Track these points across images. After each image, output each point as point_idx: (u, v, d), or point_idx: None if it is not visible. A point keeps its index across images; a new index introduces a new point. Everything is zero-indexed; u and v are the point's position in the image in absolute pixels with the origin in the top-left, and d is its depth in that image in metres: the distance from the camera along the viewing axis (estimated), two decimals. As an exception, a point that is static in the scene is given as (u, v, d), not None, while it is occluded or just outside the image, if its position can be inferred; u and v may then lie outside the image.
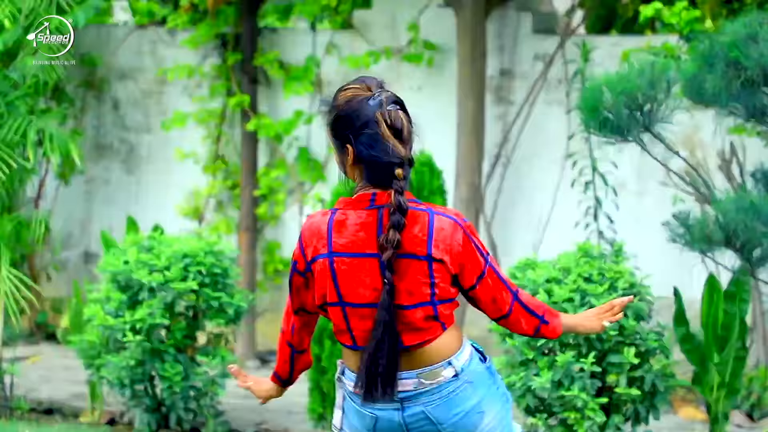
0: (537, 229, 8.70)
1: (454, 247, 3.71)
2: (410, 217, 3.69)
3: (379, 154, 3.69)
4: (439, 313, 3.73)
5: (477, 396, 3.79)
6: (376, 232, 3.69)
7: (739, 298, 6.56)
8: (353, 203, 3.74)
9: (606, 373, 6.04)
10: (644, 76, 5.93)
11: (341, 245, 3.71)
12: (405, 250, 3.68)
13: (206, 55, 9.76)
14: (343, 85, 3.80)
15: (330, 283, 3.74)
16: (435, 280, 3.70)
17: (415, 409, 3.77)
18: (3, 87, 7.53)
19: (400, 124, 3.71)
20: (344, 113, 3.72)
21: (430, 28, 9.03)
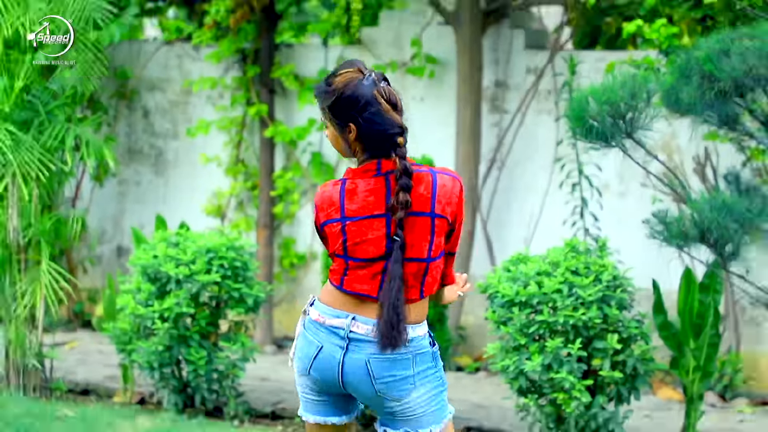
0: (529, 226, 8.69)
1: (453, 199, 3.84)
2: (415, 179, 3.80)
3: (383, 128, 3.78)
4: (428, 273, 3.83)
5: (414, 370, 3.85)
6: (385, 196, 3.79)
7: (712, 289, 6.55)
8: (360, 173, 3.83)
9: (591, 357, 6.03)
10: (626, 88, 5.92)
11: (353, 210, 3.81)
12: (412, 209, 3.78)
13: (228, 69, 9.75)
14: (334, 71, 3.87)
15: (339, 242, 3.84)
16: (434, 237, 3.81)
17: (358, 356, 3.84)
18: (44, 97, 7.53)
19: (394, 98, 3.83)
20: (346, 96, 3.79)
21: (431, 44, 9.02)
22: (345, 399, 3.99)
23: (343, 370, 3.85)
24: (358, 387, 3.87)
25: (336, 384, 3.89)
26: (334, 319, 3.86)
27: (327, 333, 3.87)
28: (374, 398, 3.88)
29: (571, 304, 5.93)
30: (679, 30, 7.77)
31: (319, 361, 3.88)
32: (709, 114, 5.93)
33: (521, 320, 5.98)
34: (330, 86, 3.82)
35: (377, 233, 3.79)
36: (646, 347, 6.09)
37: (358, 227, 3.80)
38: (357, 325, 3.83)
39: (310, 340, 3.90)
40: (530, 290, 5.96)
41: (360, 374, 3.84)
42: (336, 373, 3.87)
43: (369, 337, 3.82)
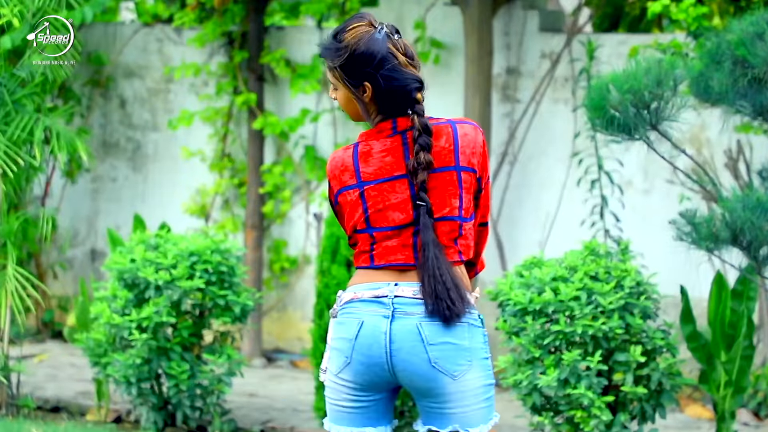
0: (543, 227, 8.69)
1: (477, 148, 3.84)
2: (435, 132, 3.80)
3: (402, 83, 3.78)
4: (463, 232, 3.80)
5: (469, 342, 3.79)
6: (403, 155, 3.79)
7: (746, 296, 6.55)
8: (374, 134, 3.83)
9: (612, 371, 6.04)
10: (651, 74, 5.93)
11: (370, 173, 3.80)
12: (435, 165, 3.78)
13: (213, 54, 9.76)
14: (343, 26, 3.86)
15: (360, 212, 3.82)
16: (462, 192, 3.80)
17: (407, 322, 3.77)
18: (10, 85, 7.54)
19: (411, 51, 3.85)
20: (359, 53, 3.79)
21: (436, 26, 9.03)
22: (386, 400, 3.89)
23: (391, 341, 3.76)
24: (409, 361, 3.76)
25: (383, 365, 3.78)
26: (374, 290, 3.80)
27: (367, 305, 3.79)
28: (427, 374, 3.77)
29: (590, 313, 5.93)
30: (709, 10, 7.78)
31: (362, 339, 3.78)
32: (742, 103, 5.93)
33: (535, 330, 5.99)
34: (340, 43, 3.80)
35: (401, 196, 3.78)
36: (673, 360, 6.10)
37: (378, 191, 3.79)
38: (402, 289, 3.77)
39: (347, 321, 3.82)
40: (545, 297, 5.97)
41: (411, 342, 3.75)
42: (383, 348, 3.76)
43: (417, 300, 3.76)
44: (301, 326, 9.45)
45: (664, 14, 8.00)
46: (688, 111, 6.17)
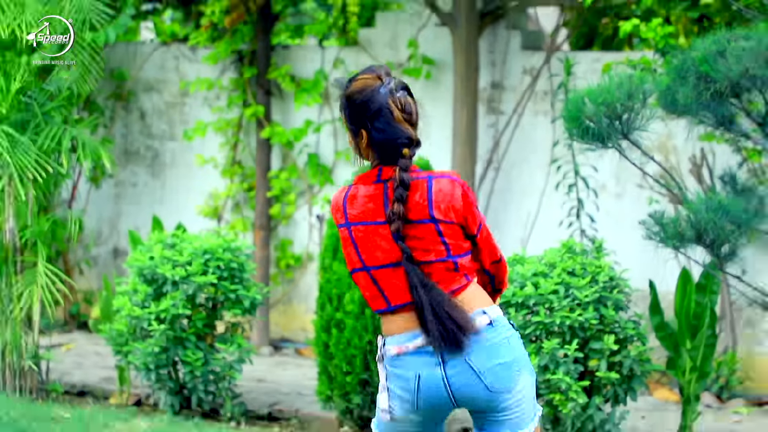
0: (525, 227, 8.68)
1: (456, 203, 3.78)
2: (412, 187, 3.76)
3: (391, 137, 3.75)
4: (459, 265, 3.77)
5: (513, 353, 3.77)
6: (383, 203, 3.77)
7: (709, 290, 6.55)
8: (363, 179, 3.83)
9: (588, 358, 6.03)
10: (622, 88, 5.92)
11: (355, 216, 3.80)
12: (411, 217, 3.75)
13: (224, 70, 9.75)
14: (354, 75, 3.84)
15: (352, 250, 3.82)
16: (445, 239, 3.76)
17: (456, 363, 3.73)
18: (40, 98, 7.53)
19: (409, 108, 3.79)
20: (359, 102, 3.77)
21: (428, 45, 9.02)
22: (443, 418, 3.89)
23: (451, 384, 3.75)
24: (471, 394, 3.75)
25: (447, 403, 3.77)
26: (415, 341, 3.76)
27: (416, 357, 3.76)
28: (489, 399, 3.75)
29: (567, 305, 5.93)
30: (675, 30, 7.77)
31: (424, 388, 3.76)
32: (706, 115, 5.92)
33: (518, 321, 5.98)
34: (346, 90, 3.80)
35: (387, 240, 3.76)
36: (643, 348, 6.09)
37: (364, 233, 3.78)
38: None
39: (404, 375, 3.78)
40: (527, 291, 5.96)
41: (468, 378, 3.73)
42: (445, 391, 3.76)
43: None
44: (305, 318, 9.43)
45: (635, 34, 7.99)
46: (657, 122, 6.16)
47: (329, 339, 7.04)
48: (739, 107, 5.90)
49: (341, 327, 6.85)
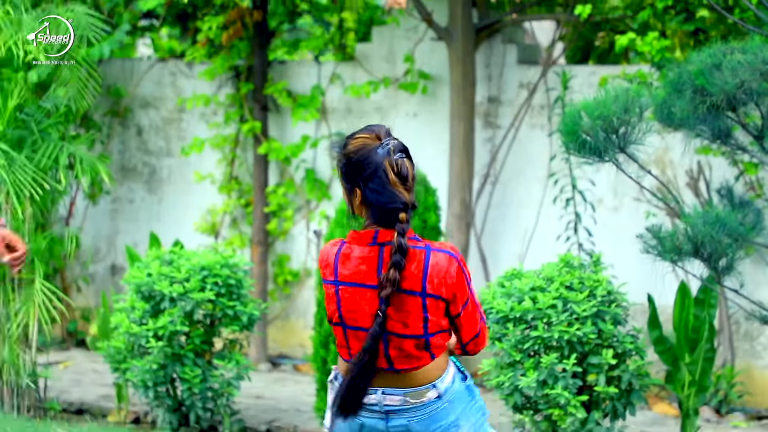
0: (523, 241, 8.68)
1: (449, 279, 3.73)
2: (409, 255, 3.70)
3: (385, 200, 3.69)
4: (431, 344, 3.76)
5: (455, 413, 3.81)
6: (377, 267, 3.72)
7: (707, 303, 6.55)
8: (358, 239, 3.76)
9: (586, 373, 6.03)
10: (619, 102, 5.92)
11: (345, 276, 3.75)
12: (402, 287, 3.70)
13: (221, 86, 9.76)
14: (353, 133, 3.79)
15: (334, 306, 3.79)
16: (428, 315, 3.72)
17: (400, 422, 3.80)
18: (37, 116, 7.53)
19: (405, 171, 3.72)
20: (355, 161, 3.71)
21: (424, 60, 9.03)
22: None
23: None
24: None
25: None
26: (366, 396, 3.79)
27: (364, 409, 3.80)
28: None
29: (565, 320, 5.92)
30: (671, 43, 7.79)
31: None
32: (702, 128, 5.93)
33: (516, 336, 5.98)
34: (344, 147, 3.75)
35: (370, 304, 3.73)
36: (641, 362, 6.08)
37: (351, 294, 3.75)
38: (389, 399, 3.79)
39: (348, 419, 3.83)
40: (525, 306, 5.96)
41: None
42: None
43: (404, 407, 3.78)
44: (303, 334, 9.42)
45: (631, 47, 8.01)
46: (653, 135, 6.17)
47: (327, 355, 7.03)
48: (736, 120, 5.91)
49: (339, 343, 6.84)
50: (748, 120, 6.01)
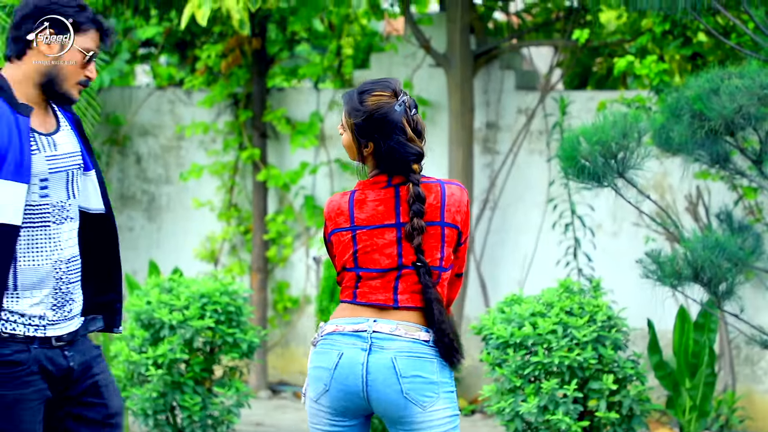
0: (522, 267, 8.68)
1: (462, 207, 3.89)
2: (425, 189, 3.86)
3: (403, 155, 3.83)
4: (440, 281, 3.87)
5: (438, 378, 3.84)
6: (394, 206, 3.84)
7: (707, 328, 6.54)
8: (370, 184, 3.89)
9: (587, 398, 6.01)
10: (617, 127, 5.94)
11: (363, 219, 3.85)
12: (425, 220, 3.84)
13: (220, 113, 9.78)
14: (368, 87, 3.91)
15: (349, 253, 3.86)
16: (444, 245, 3.84)
17: (383, 355, 3.81)
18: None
19: (421, 126, 3.90)
20: (375, 118, 3.83)
21: (422, 86, 9.05)
22: (360, 426, 3.93)
23: (368, 372, 3.82)
24: (383, 391, 3.82)
25: (359, 393, 3.83)
26: (354, 325, 3.85)
27: (347, 338, 3.85)
28: (398, 404, 3.81)
29: (566, 345, 5.91)
30: (669, 67, 7.81)
31: (341, 369, 3.84)
32: (700, 152, 5.94)
33: (516, 362, 5.97)
34: (362, 104, 3.86)
35: (388, 243, 3.83)
36: (642, 387, 6.07)
37: (369, 236, 3.84)
38: (380, 325, 3.83)
39: (327, 351, 3.87)
40: (525, 331, 5.95)
41: (386, 374, 3.80)
42: (360, 378, 3.82)
43: (393, 335, 3.81)
44: (303, 361, 9.41)
45: (629, 72, 8.03)
46: (652, 160, 6.18)
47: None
48: (734, 145, 5.92)
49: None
50: (746, 144, 6.02)
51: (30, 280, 3.90)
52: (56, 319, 3.96)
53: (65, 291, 3.99)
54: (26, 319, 3.90)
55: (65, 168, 3.99)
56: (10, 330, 3.88)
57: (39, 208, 3.92)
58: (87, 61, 3.95)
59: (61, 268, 3.97)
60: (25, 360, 3.89)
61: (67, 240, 4.00)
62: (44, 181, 3.92)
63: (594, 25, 8.69)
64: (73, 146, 4.06)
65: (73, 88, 3.96)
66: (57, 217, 3.97)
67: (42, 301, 3.92)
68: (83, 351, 4.06)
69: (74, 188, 4.04)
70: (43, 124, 3.99)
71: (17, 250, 3.87)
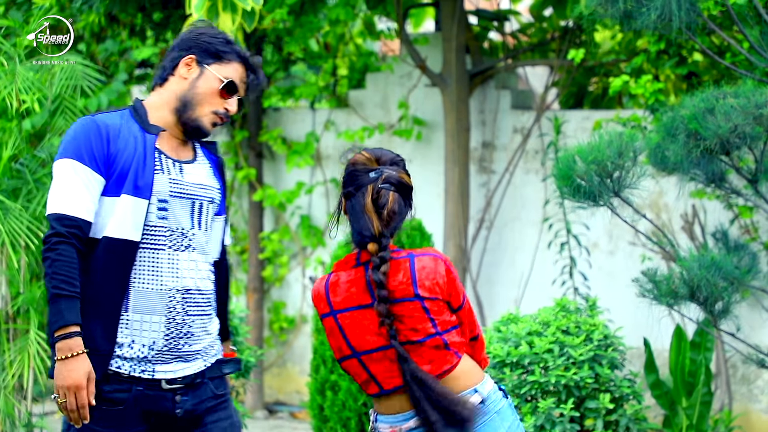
0: (518, 286, 8.68)
1: (439, 278, 3.73)
2: (393, 267, 3.71)
3: (357, 225, 3.74)
4: (449, 342, 3.73)
5: (503, 428, 3.75)
6: (365, 286, 3.73)
7: (703, 347, 6.54)
8: (342, 265, 3.79)
9: (584, 417, 6.01)
10: (613, 146, 5.94)
11: (338, 302, 3.76)
12: (396, 296, 3.70)
13: (216, 133, 9.77)
14: (365, 148, 3.84)
15: (340, 338, 3.77)
16: (432, 315, 3.71)
17: None
18: (32, 165, 7.54)
19: (384, 202, 3.74)
20: (348, 172, 3.79)
21: (418, 106, 9.06)
22: None
23: None
24: None
25: None
26: (408, 423, 3.76)
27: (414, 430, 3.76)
28: None
29: (562, 364, 5.91)
30: (664, 86, 7.83)
31: None
32: (696, 172, 5.95)
33: (513, 381, 5.96)
34: (348, 158, 3.83)
35: (374, 323, 3.72)
36: (639, 406, 6.07)
37: (351, 318, 3.74)
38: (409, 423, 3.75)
39: None
40: (521, 350, 5.95)
41: None
42: None
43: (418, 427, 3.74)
44: (300, 380, 9.39)
45: (624, 91, 8.05)
46: (647, 179, 6.18)
47: (324, 401, 7.01)
48: (730, 164, 5.93)
49: (336, 389, 6.82)
50: (741, 164, 6.03)
51: (141, 303, 3.83)
52: (169, 355, 3.86)
53: (180, 322, 3.89)
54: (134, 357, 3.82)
55: (190, 196, 3.95)
56: (116, 368, 3.82)
57: (155, 229, 3.87)
58: (226, 91, 3.95)
59: (176, 297, 3.89)
60: (124, 400, 3.81)
61: (186, 269, 3.92)
62: (163, 202, 3.88)
63: (589, 44, 8.72)
64: (208, 181, 4.03)
65: (205, 116, 3.96)
66: (174, 242, 3.91)
67: (153, 328, 3.84)
68: (200, 396, 3.95)
69: (201, 220, 4.00)
70: (175, 150, 3.97)
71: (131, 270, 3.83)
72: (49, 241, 3.76)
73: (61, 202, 3.79)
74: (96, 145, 3.83)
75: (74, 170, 3.81)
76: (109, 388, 3.81)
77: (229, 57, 3.97)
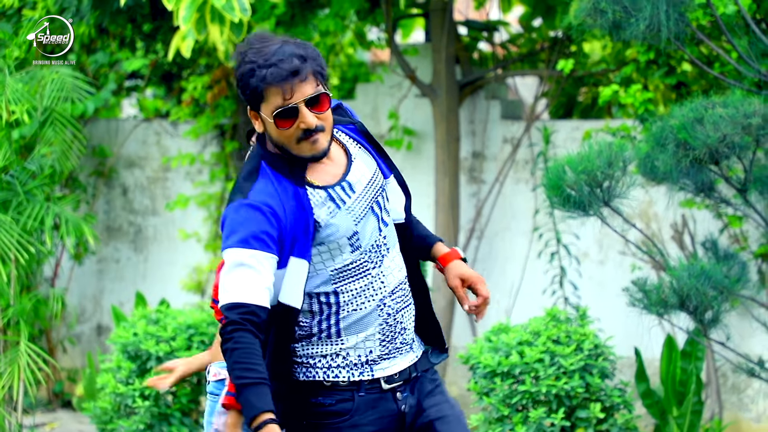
0: (509, 296, 8.69)
1: None
2: None
3: None
4: None
5: None
6: None
7: (694, 356, 6.56)
8: None
9: (575, 427, 6.02)
10: (602, 156, 5.96)
11: None
12: None
13: (206, 144, 9.79)
14: None
15: None
16: None
17: None
18: (22, 177, 7.55)
19: None
20: None
21: (408, 116, 9.07)
22: None
23: None
24: None
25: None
26: None
27: None
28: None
29: (553, 374, 5.92)
30: (653, 97, 7.86)
31: None
32: (685, 181, 5.97)
33: (504, 391, 5.97)
34: None
35: None
36: (630, 416, 6.08)
37: None
38: None
39: None
40: (512, 360, 5.96)
41: None
42: None
43: None
44: (290, 391, 9.38)
45: (614, 101, 8.07)
46: (637, 189, 6.21)
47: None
48: (719, 174, 5.95)
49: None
50: (731, 173, 6.05)
51: (354, 326, 3.69)
52: (385, 354, 3.72)
53: (392, 323, 3.75)
54: (350, 363, 3.69)
55: (369, 203, 3.75)
56: (333, 378, 3.69)
57: (352, 264, 3.70)
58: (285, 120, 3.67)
59: (386, 303, 3.74)
60: (349, 410, 3.69)
61: (389, 274, 3.76)
62: (354, 236, 3.70)
63: (578, 55, 8.74)
64: (369, 168, 3.80)
65: (297, 148, 3.68)
66: (374, 260, 3.74)
67: (368, 338, 3.70)
68: (420, 389, 3.81)
69: (382, 216, 3.79)
70: (330, 173, 3.75)
71: (338, 303, 3.68)
72: (225, 332, 3.58)
73: (231, 291, 3.63)
74: (264, 227, 3.68)
75: (244, 256, 3.67)
76: (331, 401, 3.70)
77: (262, 91, 3.69)
